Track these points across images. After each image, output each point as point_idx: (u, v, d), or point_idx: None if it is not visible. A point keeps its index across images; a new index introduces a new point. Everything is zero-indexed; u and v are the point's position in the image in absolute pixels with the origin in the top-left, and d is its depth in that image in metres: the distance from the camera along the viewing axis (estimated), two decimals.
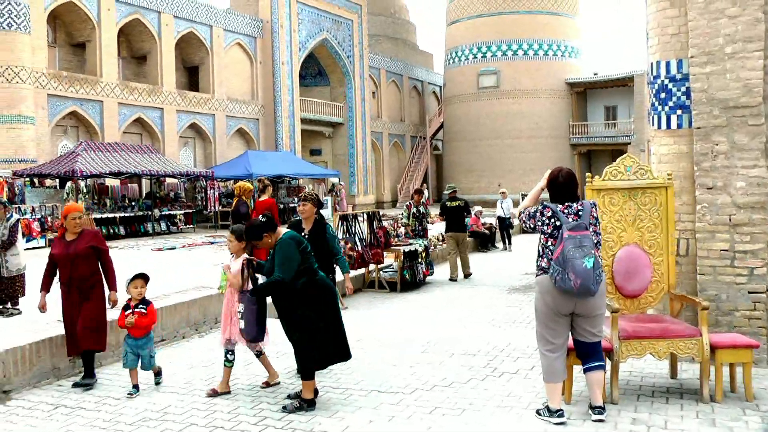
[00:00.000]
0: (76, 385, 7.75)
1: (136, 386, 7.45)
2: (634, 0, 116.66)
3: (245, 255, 7.50)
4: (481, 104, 53.89)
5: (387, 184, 55.60)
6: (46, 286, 8.09)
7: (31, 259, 11.61)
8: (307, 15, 44.82)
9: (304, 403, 6.79)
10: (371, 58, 52.77)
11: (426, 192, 40.44)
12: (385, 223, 16.06)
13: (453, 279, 16.38)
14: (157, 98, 35.26)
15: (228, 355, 7.43)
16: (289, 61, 42.92)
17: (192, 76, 40.22)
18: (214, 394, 7.30)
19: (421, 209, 16.96)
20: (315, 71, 49.81)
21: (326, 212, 39.35)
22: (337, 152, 50.09)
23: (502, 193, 24.46)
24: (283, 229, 7.06)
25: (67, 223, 8.00)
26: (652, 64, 11.53)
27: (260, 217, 7.05)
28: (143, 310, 7.63)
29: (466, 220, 18.41)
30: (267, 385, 7.61)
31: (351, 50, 49.11)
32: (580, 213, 6.21)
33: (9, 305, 11.29)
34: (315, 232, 8.20)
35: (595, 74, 55.51)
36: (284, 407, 6.77)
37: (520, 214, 6.61)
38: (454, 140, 56.09)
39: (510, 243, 23.93)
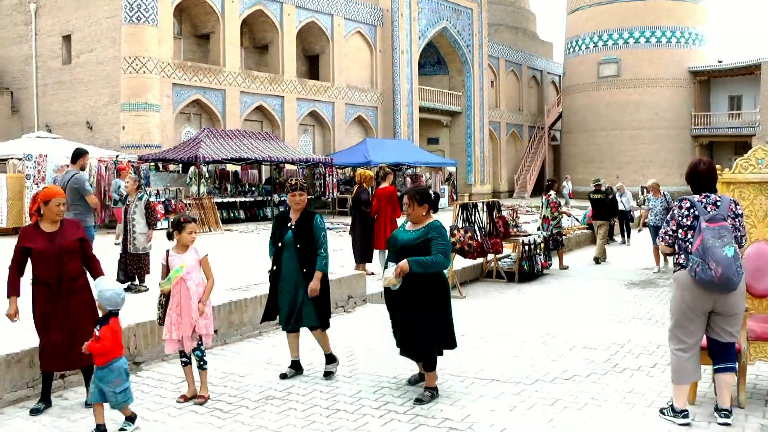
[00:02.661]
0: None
1: (100, 427, 5.94)
2: None
3: (199, 248, 7.05)
4: (600, 94, 52.89)
5: (504, 174, 55.19)
6: (15, 289, 6.57)
7: (155, 241, 11.95)
8: (427, 4, 44.77)
9: (433, 390, 6.79)
10: (490, 47, 52.37)
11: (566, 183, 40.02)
12: (504, 213, 15.93)
13: (595, 259, 18.21)
14: (278, 87, 35.84)
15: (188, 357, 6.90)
16: (408, 49, 42.99)
17: (312, 65, 40.72)
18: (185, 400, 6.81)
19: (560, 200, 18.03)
20: (434, 60, 49.75)
21: (443, 201, 39.45)
22: (455, 141, 49.95)
23: (620, 187, 23.95)
24: (432, 217, 7.06)
25: (47, 210, 6.57)
26: None
27: (433, 192, 7.07)
28: (96, 332, 6.04)
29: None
30: (185, 399, 6.88)
31: (470, 39, 48.84)
32: (718, 204, 6.01)
33: (137, 281, 11.67)
34: (301, 223, 7.45)
35: (719, 62, 53.59)
36: (419, 400, 6.67)
37: (660, 240, 6.37)
38: (572, 131, 55.25)
39: (629, 237, 23.44)
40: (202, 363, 6.86)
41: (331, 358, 7.59)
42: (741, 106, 52.62)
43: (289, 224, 7.48)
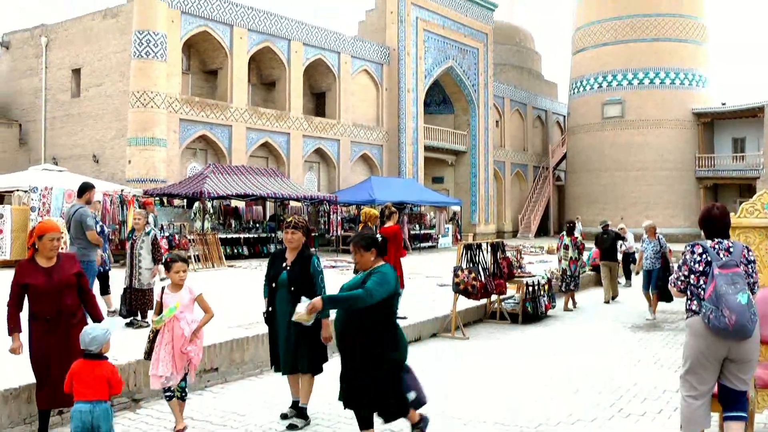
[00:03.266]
0: None
1: None
2: (764, 28, 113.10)
3: (193, 286, 7.15)
4: (605, 134, 53.00)
5: (508, 214, 55.20)
6: (17, 326, 6.45)
7: (157, 276, 11.96)
8: (434, 43, 45.08)
9: (422, 424, 6.56)
10: (496, 87, 52.64)
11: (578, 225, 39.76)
12: (508, 254, 15.88)
13: (606, 301, 18.57)
14: (284, 123, 36.00)
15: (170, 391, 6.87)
16: (414, 88, 43.22)
17: (318, 102, 40.94)
18: None
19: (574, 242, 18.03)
20: (440, 99, 49.98)
21: (447, 240, 39.45)
22: (459, 180, 50.02)
23: (621, 228, 23.89)
24: (380, 261, 6.51)
25: (41, 245, 6.45)
26: None
27: (380, 237, 6.63)
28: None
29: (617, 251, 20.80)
30: None
31: (476, 78, 49.12)
32: (731, 249, 5.98)
33: (139, 317, 11.64)
34: (297, 264, 7.17)
35: (723, 104, 53.70)
36: None
37: (672, 285, 6.32)
38: (577, 171, 55.31)
39: (631, 278, 23.36)
40: (183, 395, 6.88)
41: (302, 413, 7.29)
42: (745, 149, 52.66)
43: (284, 264, 7.28)
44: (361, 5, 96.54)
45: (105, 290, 13.23)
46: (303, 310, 6.20)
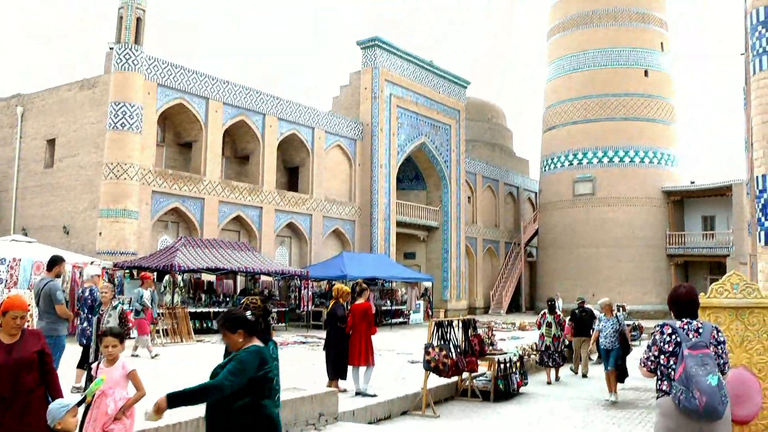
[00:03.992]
0: None
1: None
2: (731, 107, 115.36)
3: (126, 361, 6.82)
4: (576, 211, 53.47)
5: (480, 290, 55.20)
6: None
7: (128, 351, 11.78)
8: (407, 119, 45.55)
9: None
10: (468, 163, 53.12)
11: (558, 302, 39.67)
12: (480, 331, 15.85)
13: (583, 375, 18.87)
14: (257, 197, 36.03)
15: None
16: (387, 163, 43.49)
17: (291, 176, 41.06)
18: None
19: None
20: (412, 174, 50.29)
21: (418, 316, 39.32)
22: (431, 256, 50.08)
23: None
24: (258, 343, 6.02)
25: (4, 322, 6.27)
26: (757, 178, 11.29)
27: (249, 313, 6.19)
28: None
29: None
30: None
31: (448, 155, 49.55)
32: (700, 330, 6.00)
33: None
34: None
35: (692, 183, 54.50)
36: None
37: (642, 366, 6.33)
38: (548, 247, 55.61)
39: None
40: None
41: None
42: (714, 227, 53.22)
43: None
44: (336, 81, 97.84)
45: (83, 364, 12.98)
46: (150, 410, 5.57)
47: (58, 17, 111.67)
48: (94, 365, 6.94)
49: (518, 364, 15.80)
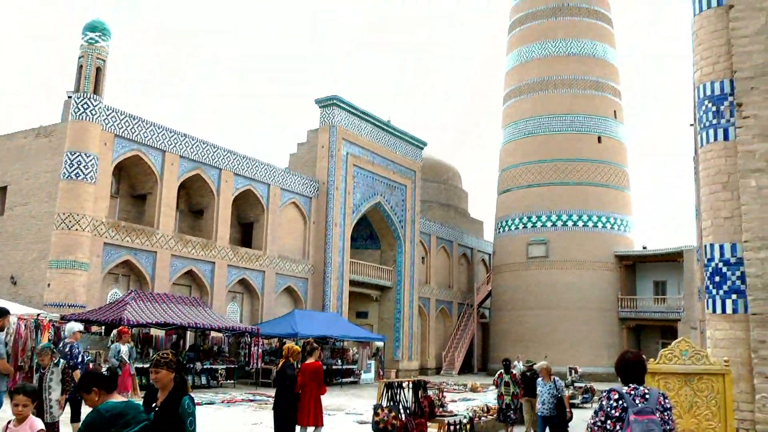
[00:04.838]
0: None
1: None
2: (683, 175, 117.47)
3: (35, 420, 6.67)
4: (530, 273, 53.77)
5: (432, 350, 55.02)
6: None
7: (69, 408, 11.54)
8: (363, 179, 45.71)
9: None
10: (423, 224, 53.33)
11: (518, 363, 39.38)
12: (430, 392, 15.78)
13: None
14: (210, 252, 35.77)
15: None
16: (342, 222, 43.49)
17: (245, 232, 40.86)
18: None
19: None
20: (367, 233, 50.28)
21: (369, 376, 39.08)
22: (384, 316, 49.91)
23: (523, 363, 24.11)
24: (118, 398, 5.97)
25: None
26: (705, 246, 11.49)
27: (106, 368, 6.01)
28: None
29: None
30: None
31: (403, 215, 49.73)
32: (647, 396, 6.03)
33: None
34: (166, 406, 6.46)
35: (644, 248, 55.31)
36: None
37: (588, 431, 6.35)
38: (501, 309, 55.74)
39: None
40: None
41: None
42: (666, 291, 53.82)
43: (153, 404, 6.57)
44: (293, 138, 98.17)
45: (76, 417, 12.74)
46: None
47: (19, 62, 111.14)
48: (3, 424, 6.72)
49: (468, 426, 15.74)
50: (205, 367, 30.69)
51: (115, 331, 26.94)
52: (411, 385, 15.05)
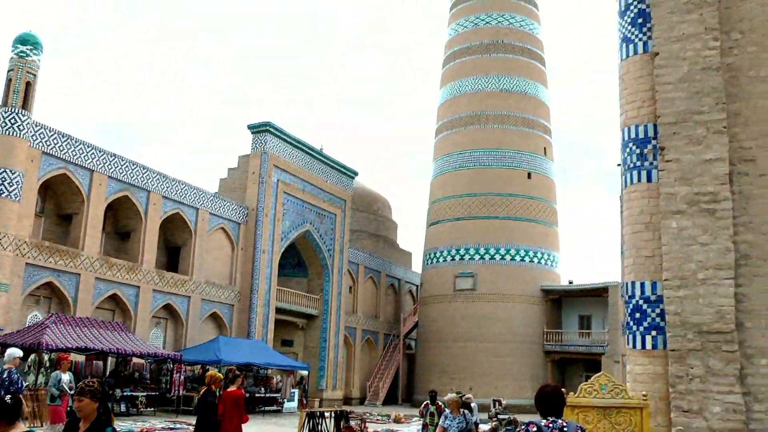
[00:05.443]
0: None
1: None
2: (611, 213, 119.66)
3: None
4: (456, 306, 54.04)
5: (356, 380, 54.81)
6: None
7: None
8: (293, 206, 45.57)
9: None
10: (351, 253, 53.31)
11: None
12: (352, 423, 15.74)
13: None
14: (135, 276, 35.18)
15: None
16: (270, 249, 43.24)
17: (172, 257, 40.25)
18: None
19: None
20: (295, 261, 50.01)
21: (293, 404, 38.80)
22: (309, 344, 49.60)
23: (467, 397, 24.13)
24: (21, 429, 5.66)
25: None
26: (627, 284, 11.75)
27: (9, 397, 5.72)
28: None
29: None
30: None
31: (332, 244, 49.67)
32: (565, 429, 6.09)
33: None
34: None
35: (570, 283, 56.12)
36: None
37: None
38: (428, 340, 55.86)
39: None
40: None
41: None
42: (591, 326, 54.63)
43: None
44: (224, 162, 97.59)
45: None
46: None
47: None
48: None
49: None
50: (125, 394, 30.12)
51: (32, 355, 26.48)
52: (333, 415, 15.01)
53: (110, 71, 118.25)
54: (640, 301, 10.98)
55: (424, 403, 18.90)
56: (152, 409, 31.46)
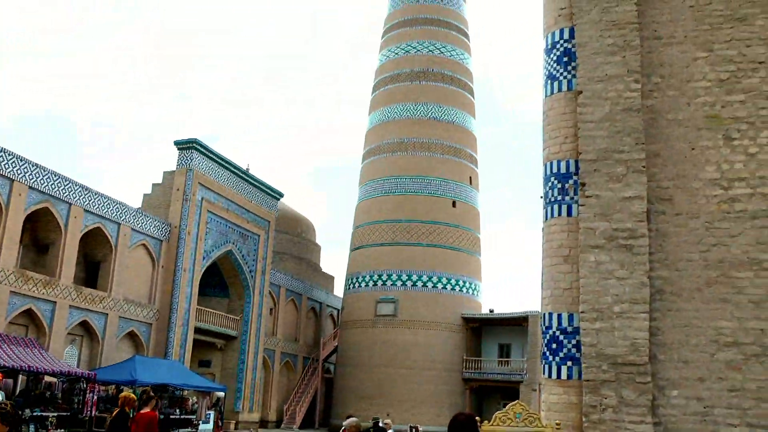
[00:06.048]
0: None
1: None
2: (533, 243, 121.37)
3: None
4: (377, 331, 54.09)
5: (274, 403, 54.36)
6: None
7: None
8: (216, 225, 45.19)
9: None
10: (273, 275, 53.01)
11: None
12: None
13: None
14: (52, 291, 34.30)
15: None
16: (191, 268, 42.75)
17: (91, 272, 39.35)
18: None
19: None
20: (216, 281, 49.49)
21: (208, 426, 38.26)
22: (227, 365, 49.04)
23: (386, 423, 24.24)
24: None
25: None
26: (545, 315, 11.95)
27: None
28: None
29: None
30: None
31: (254, 264, 49.36)
32: None
33: None
34: None
35: (490, 311, 56.66)
36: None
37: None
38: (347, 365, 55.74)
39: None
40: None
41: None
42: (510, 354, 55.20)
43: None
44: (150, 177, 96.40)
45: None
46: None
47: None
48: None
49: None
50: (34, 414, 29.26)
51: None
52: None
53: (110, 71, 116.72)
54: (557, 332, 11.18)
55: (343, 428, 18.65)
56: (63, 430, 30.62)
